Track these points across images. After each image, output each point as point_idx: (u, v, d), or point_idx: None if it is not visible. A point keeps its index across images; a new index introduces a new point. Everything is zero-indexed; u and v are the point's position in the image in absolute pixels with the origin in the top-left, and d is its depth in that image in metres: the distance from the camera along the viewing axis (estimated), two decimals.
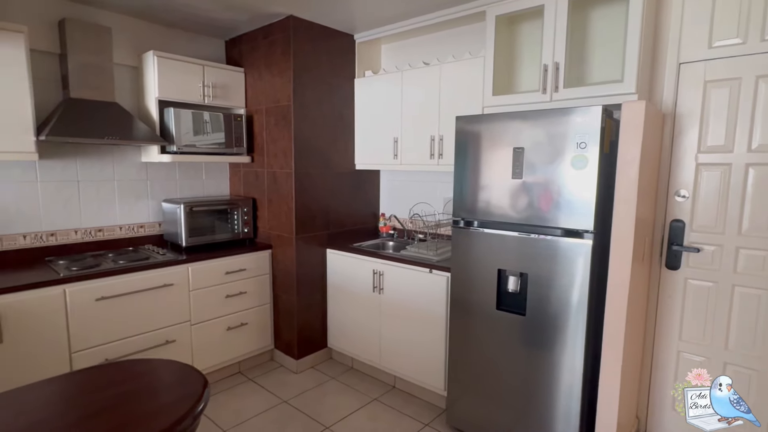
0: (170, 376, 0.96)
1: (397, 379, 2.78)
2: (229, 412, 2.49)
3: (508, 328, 2.06)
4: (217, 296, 2.74)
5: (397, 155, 2.88)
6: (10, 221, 2.41)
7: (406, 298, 2.58)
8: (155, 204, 2.97)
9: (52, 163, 2.53)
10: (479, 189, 2.11)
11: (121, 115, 2.54)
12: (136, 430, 0.77)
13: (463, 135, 2.15)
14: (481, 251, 2.13)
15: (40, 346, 2.06)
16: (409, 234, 3.16)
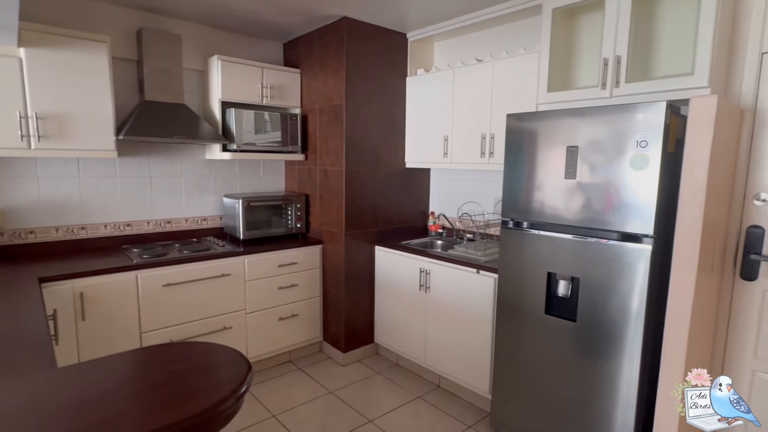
0: (218, 359, 1.03)
1: (442, 379, 2.77)
2: (279, 398, 2.61)
3: (558, 334, 1.98)
4: (270, 287, 2.88)
5: (447, 154, 2.85)
6: (94, 212, 2.68)
7: (452, 298, 2.57)
8: (217, 198, 3.17)
9: (129, 160, 2.78)
10: (529, 189, 2.05)
11: (188, 116, 2.74)
12: (185, 405, 0.83)
13: (514, 133, 2.09)
14: (530, 253, 2.07)
15: (116, 324, 2.29)
16: (457, 233, 3.13)
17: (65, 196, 2.58)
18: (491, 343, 2.35)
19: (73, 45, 2.27)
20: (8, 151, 2.16)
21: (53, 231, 2.56)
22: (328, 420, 2.41)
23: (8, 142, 2.14)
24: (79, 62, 2.30)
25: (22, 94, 2.16)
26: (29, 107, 2.17)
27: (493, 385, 2.31)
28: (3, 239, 2.40)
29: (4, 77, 2.11)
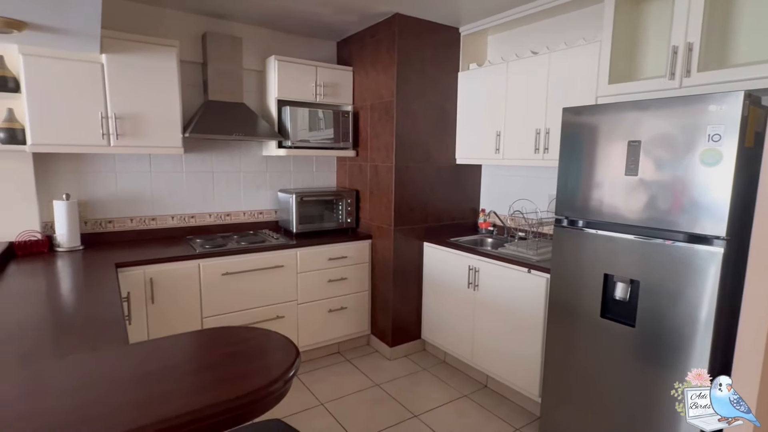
0: (269, 344, 1.09)
1: (489, 379, 2.72)
2: (327, 387, 2.69)
3: (614, 339, 1.88)
4: (320, 280, 2.97)
5: (499, 149, 2.79)
6: (163, 204, 2.90)
7: (501, 297, 2.51)
8: (272, 193, 3.31)
9: (194, 157, 2.97)
10: (586, 186, 1.95)
11: (247, 114, 2.89)
12: (237, 384, 0.89)
13: (570, 128, 2.00)
14: (585, 253, 1.97)
15: (181, 308, 2.47)
16: (509, 231, 3.05)
17: (138, 190, 2.81)
18: (542, 344, 2.27)
19: (146, 50, 2.46)
20: (92, 148, 2.39)
21: (128, 221, 2.80)
22: (374, 412, 2.45)
23: (92, 140, 2.37)
24: (152, 66, 2.49)
25: (103, 97, 2.37)
26: (109, 108, 2.39)
27: (543, 388, 2.23)
28: (86, 228, 2.66)
29: (89, 81, 2.33)
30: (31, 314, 1.55)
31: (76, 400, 0.83)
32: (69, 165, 2.59)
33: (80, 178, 2.63)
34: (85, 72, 2.32)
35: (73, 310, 1.65)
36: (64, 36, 1.99)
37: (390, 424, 2.33)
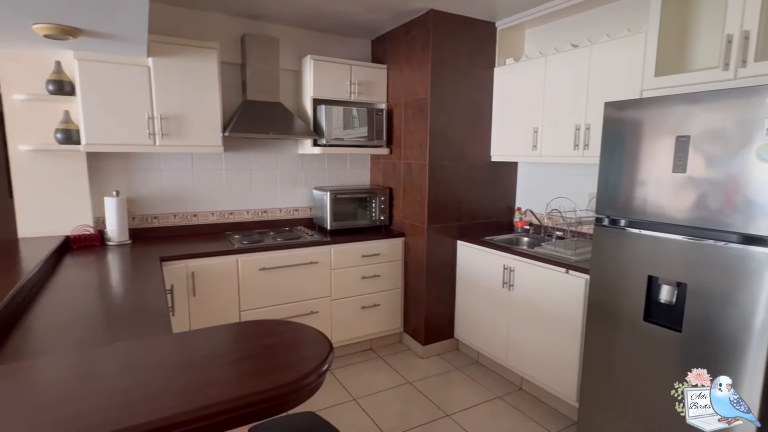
0: (304, 338, 1.11)
1: (524, 381, 2.66)
2: (360, 383, 2.71)
3: (659, 344, 1.79)
4: (353, 277, 2.99)
5: (536, 146, 2.71)
6: (204, 201, 3.02)
7: (537, 298, 2.45)
8: (307, 191, 3.37)
9: (233, 155, 3.07)
10: (629, 183, 1.87)
11: (283, 113, 2.95)
12: (273, 376, 0.91)
13: (613, 123, 1.92)
14: (628, 254, 1.89)
15: (220, 301, 2.56)
16: (546, 230, 2.96)
17: (181, 187, 2.93)
18: (580, 347, 2.20)
19: (189, 53, 2.56)
20: (139, 147, 2.52)
21: (172, 217, 2.93)
22: (406, 409, 2.45)
23: (139, 139, 2.49)
24: (194, 68, 2.59)
25: (149, 98, 2.49)
26: (155, 109, 2.50)
27: (581, 392, 2.16)
28: (134, 223, 2.80)
29: (137, 84, 2.45)
30: (84, 303, 1.65)
31: (125, 384, 0.88)
32: (118, 164, 2.73)
33: (128, 176, 2.77)
34: (134, 75, 2.44)
35: (122, 300, 1.74)
36: (115, 41, 2.10)
37: (422, 423, 2.32)
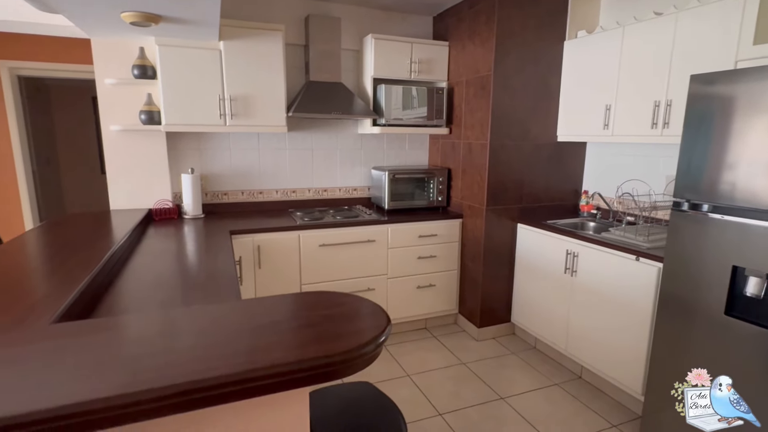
0: (363, 310, 1.15)
1: (584, 370, 2.57)
2: (414, 360, 2.76)
3: (741, 341, 1.65)
4: (410, 256, 3.02)
5: (608, 125, 2.54)
6: (268, 179, 3.17)
7: (603, 286, 2.33)
8: (366, 170, 3.42)
9: (296, 135, 3.17)
10: (715, 165, 1.70)
11: (344, 93, 2.99)
12: (333, 343, 0.96)
13: (699, 98, 1.75)
14: (709, 242, 1.74)
15: (283, 274, 2.70)
16: (615, 215, 2.79)
17: (248, 165, 3.09)
18: (648, 339, 2.08)
19: (257, 36, 2.66)
20: (211, 128, 2.68)
21: (240, 194, 3.11)
22: (459, 388, 2.47)
23: (211, 120, 2.65)
24: (261, 50, 2.69)
25: (221, 80, 2.63)
26: (225, 90, 2.64)
27: (647, 386, 2.05)
28: (207, 198, 3.01)
29: (210, 67, 2.60)
30: (166, 269, 1.82)
31: (201, 341, 0.97)
32: (193, 143, 2.93)
33: (201, 155, 2.97)
34: (207, 58, 2.59)
35: (197, 268, 1.90)
36: (190, 26, 2.24)
37: (475, 403, 2.33)
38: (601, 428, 2.15)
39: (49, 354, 0.91)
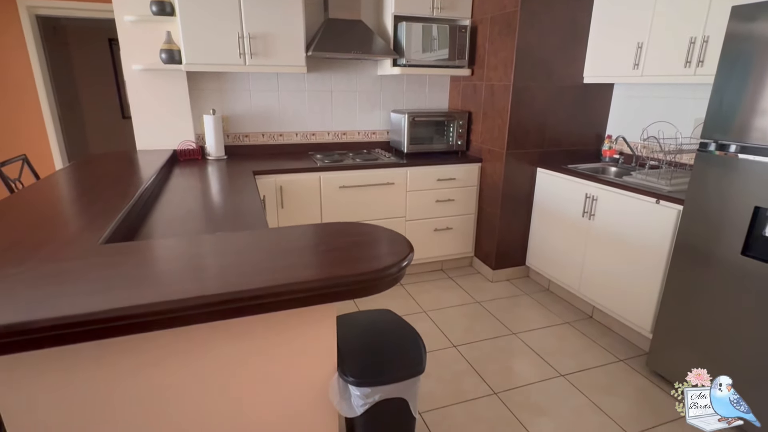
0: (386, 237, 1.21)
1: (595, 310, 2.65)
2: (430, 298, 2.89)
3: (755, 281, 1.68)
4: (428, 200, 3.06)
5: (638, 64, 2.44)
6: (288, 121, 3.18)
7: (620, 229, 2.35)
8: (385, 114, 3.39)
9: (315, 76, 3.14)
10: (749, 103, 1.65)
11: (364, 31, 2.91)
12: (359, 264, 1.03)
13: (739, 31, 1.66)
14: (733, 182, 1.72)
15: (304, 214, 2.78)
16: (638, 160, 2.75)
17: (268, 107, 3.10)
18: (662, 279, 2.12)
19: None
20: (231, 67, 2.67)
21: (260, 136, 3.14)
22: (472, 324, 2.59)
23: (231, 59, 2.63)
24: None
25: (239, 17, 2.58)
26: (244, 28, 2.60)
27: (656, 324, 2.12)
28: (228, 140, 3.05)
29: (228, 3, 2.54)
30: (195, 204, 1.90)
31: (238, 260, 1.05)
32: (213, 83, 2.93)
33: (222, 96, 2.98)
34: None
35: (225, 203, 1.98)
36: None
37: (487, 337, 2.46)
38: (608, 362, 2.25)
39: (104, 267, 1.00)
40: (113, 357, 0.91)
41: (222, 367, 1.02)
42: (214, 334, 0.99)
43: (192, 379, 1.00)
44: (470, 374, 2.14)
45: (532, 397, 1.99)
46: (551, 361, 2.24)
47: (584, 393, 2.02)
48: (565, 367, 2.20)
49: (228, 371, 1.03)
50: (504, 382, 2.08)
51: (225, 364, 1.02)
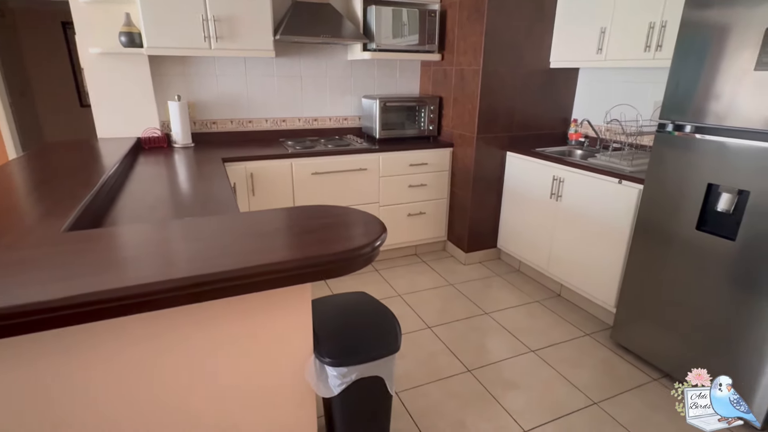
0: (359, 219, 1.22)
1: (563, 288, 2.76)
2: (404, 282, 2.92)
3: (709, 254, 1.78)
4: (401, 185, 3.08)
5: (602, 49, 2.51)
6: (257, 107, 3.11)
7: (585, 209, 2.44)
8: (356, 99, 3.37)
9: (283, 61, 3.08)
10: (702, 85, 1.73)
11: (333, 15, 2.86)
12: (333, 245, 1.04)
13: (694, 17, 1.73)
14: (689, 161, 1.81)
15: (276, 202, 2.75)
16: (602, 143, 2.84)
17: (236, 93, 3.02)
18: (624, 256, 2.22)
19: None
20: (195, 51, 2.58)
21: (229, 123, 3.06)
22: (446, 306, 2.65)
23: (195, 42, 2.54)
24: None
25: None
26: (208, 10, 2.51)
27: (619, 299, 2.23)
28: (195, 127, 2.97)
29: None
30: (163, 192, 1.85)
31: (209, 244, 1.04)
32: (177, 68, 2.83)
33: (187, 81, 2.88)
34: None
35: (195, 191, 1.93)
36: None
37: (461, 318, 2.52)
38: (575, 336, 2.36)
39: (67, 255, 0.97)
40: (80, 345, 0.89)
41: (196, 353, 1.01)
42: (186, 320, 0.98)
43: (164, 366, 0.98)
44: (445, 354, 2.19)
45: (504, 372, 2.06)
46: (522, 338, 2.32)
47: (553, 366, 2.10)
48: (535, 343, 2.29)
49: (202, 357, 1.02)
50: (477, 360, 2.15)
51: (199, 350, 1.01)
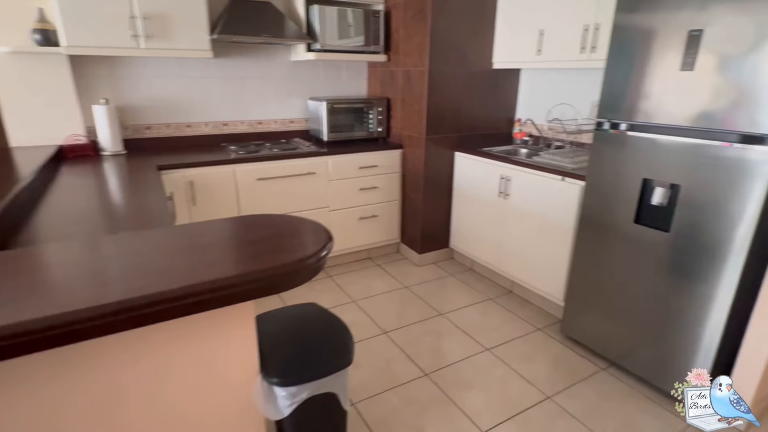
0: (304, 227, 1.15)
1: (515, 285, 2.81)
2: (359, 288, 2.86)
3: (646, 245, 1.87)
4: (351, 188, 3.02)
5: (541, 50, 2.59)
6: (196, 111, 2.93)
7: (532, 206, 2.50)
8: (302, 102, 3.27)
9: (223, 62, 2.92)
10: (633, 85, 1.82)
11: (274, 14, 2.76)
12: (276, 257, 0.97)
13: (624, 20, 1.81)
14: (625, 158, 1.89)
15: (220, 210, 2.60)
16: (545, 141, 2.93)
17: (172, 96, 2.83)
18: (570, 251, 2.29)
19: None
20: (122, 51, 2.38)
21: (165, 127, 2.86)
22: (402, 309, 2.62)
23: (122, 41, 2.35)
24: None
25: None
26: (136, 7, 2.33)
27: (567, 292, 2.30)
28: (127, 133, 2.75)
29: None
30: (88, 205, 1.68)
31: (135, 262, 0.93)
32: (103, 69, 2.61)
33: (116, 83, 2.66)
34: None
35: (125, 202, 1.77)
36: None
37: (417, 320, 2.50)
38: (528, 332, 2.40)
39: None
40: None
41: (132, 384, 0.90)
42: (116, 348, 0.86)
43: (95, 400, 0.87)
44: (401, 359, 2.16)
45: (461, 373, 2.06)
46: (477, 337, 2.34)
47: (508, 363, 2.13)
48: (489, 341, 2.31)
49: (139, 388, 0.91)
50: (434, 363, 2.13)
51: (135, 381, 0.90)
